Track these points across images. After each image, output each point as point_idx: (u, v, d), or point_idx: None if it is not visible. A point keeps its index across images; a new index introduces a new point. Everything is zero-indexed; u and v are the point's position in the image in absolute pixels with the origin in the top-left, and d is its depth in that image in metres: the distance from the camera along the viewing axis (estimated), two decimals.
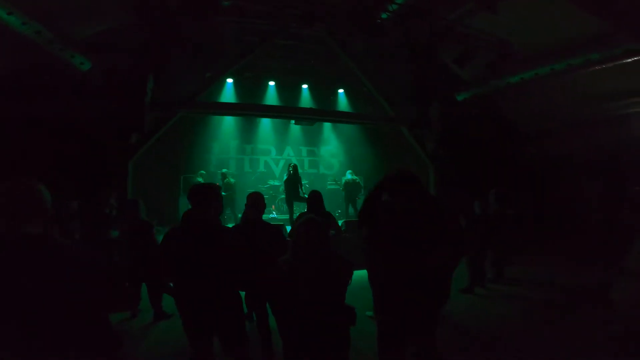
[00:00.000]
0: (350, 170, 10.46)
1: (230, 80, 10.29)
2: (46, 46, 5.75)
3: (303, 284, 1.97)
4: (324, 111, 10.43)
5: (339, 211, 10.24)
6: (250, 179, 11.02)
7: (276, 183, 10.59)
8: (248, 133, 11.45)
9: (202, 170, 9.52)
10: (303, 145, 12.17)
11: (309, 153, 12.31)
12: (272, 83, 10.90)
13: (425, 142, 9.26)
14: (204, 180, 8.81)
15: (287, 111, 9.68)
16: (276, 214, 10.01)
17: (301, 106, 10.92)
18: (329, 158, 12.51)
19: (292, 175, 7.94)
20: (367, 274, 3.61)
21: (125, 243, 4.35)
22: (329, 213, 4.42)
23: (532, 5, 6.31)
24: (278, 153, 11.89)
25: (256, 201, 3.26)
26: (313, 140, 12.26)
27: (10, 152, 6.03)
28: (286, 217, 8.66)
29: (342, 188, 10.17)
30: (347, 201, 9.96)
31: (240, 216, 3.89)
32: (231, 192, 8.66)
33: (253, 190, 3.60)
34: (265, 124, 11.62)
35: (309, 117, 9.63)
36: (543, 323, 4.17)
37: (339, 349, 2.10)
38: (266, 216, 8.58)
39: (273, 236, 3.19)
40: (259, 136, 11.65)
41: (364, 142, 12.09)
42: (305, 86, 11.30)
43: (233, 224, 4.46)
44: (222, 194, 4.15)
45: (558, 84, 7.70)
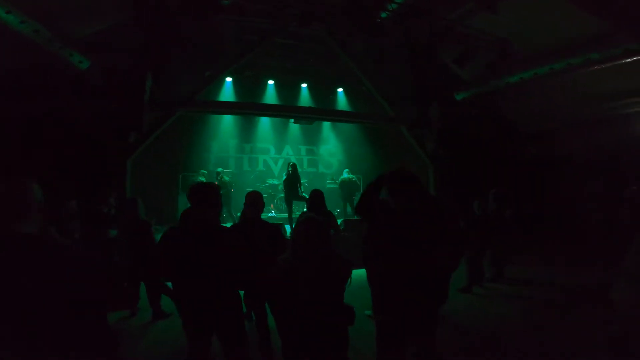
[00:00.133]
0: (347, 169, 10.48)
1: (229, 79, 10.28)
2: (45, 45, 5.74)
3: (302, 284, 1.96)
4: (323, 110, 10.43)
5: (338, 210, 10.25)
6: (249, 178, 11.01)
7: (275, 182, 10.58)
8: (247, 132, 11.44)
9: (203, 169, 9.52)
10: (302, 144, 12.17)
11: (308, 152, 12.31)
12: (272, 82, 10.90)
13: (425, 142, 9.26)
14: (206, 179, 8.83)
15: (286, 110, 9.67)
16: (275, 213, 10.01)
17: (300, 105, 10.91)
18: (328, 157, 12.51)
19: (291, 174, 7.92)
20: (366, 274, 3.61)
21: (124, 242, 4.35)
22: (330, 212, 4.42)
23: (532, 5, 6.32)
24: (277, 152, 11.88)
25: (255, 200, 3.25)
26: (312, 139, 12.25)
27: (9, 152, 6.01)
28: (285, 216, 8.65)
29: (339, 186, 10.19)
30: (344, 200, 9.99)
31: (239, 215, 3.88)
32: (226, 191, 8.67)
33: (252, 189, 3.59)
34: (264, 123, 11.62)
35: (308, 116, 9.63)
36: (543, 323, 4.17)
37: (338, 349, 2.09)
38: (265, 215, 8.59)
39: (272, 235, 3.18)
40: (258, 135, 11.64)
41: (363, 142, 12.09)
42: (304, 85, 11.30)
43: (231, 223, 4.44)
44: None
45: (558, 84, 7.70)
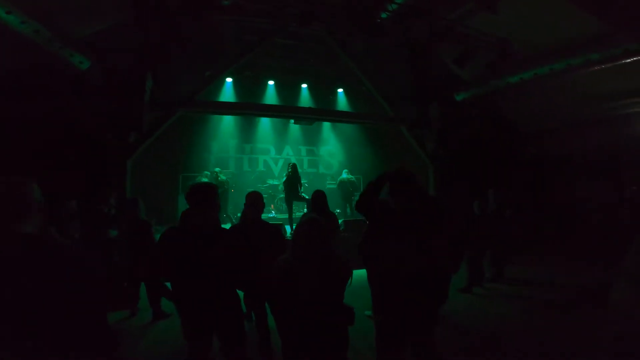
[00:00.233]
0: (346, 169, 10.50)
1: (229, 79, 10.28)
2: (45, 45, 5.73)
3: (302, 284, 1.96)
4: (324, 110, 10.42)
5: (338, 210, 10.25)
6: (249, 178, 11.01)
7: (275, 182, 10.59)
8: (247, 132, 11.44)
9: (207, 171, 9.51)
10: (302, 144, 12.16)
11: (308, 152, 12.31)
12: (272, 82, 10.89)
13: (425, 142, 9.25)
14: (209, 180, 8.84)
15: (287, 110, 9.66)
16: (275, 214, 10.01)
17: (300, 105, 10.91)
18: (328, 158, 12.50)
19: (292, 174, 7.92)
20: (367, 274, 3.61)
21: (124, 242, 4.35)
22: (332, 213, 4.42)
23: (532, 5, 6.32)
24: (277, 152, 11.88)
25: (255, 201, 3.25)
26: (312, 139, 12.25)
27: (9, 152, 6.01)
28: (285, 217, 8.65)
29: (337, 187, 10.20)
30: (343, 200, 10.01)
31: (239, 215, 3.88)
32: (223, 190, 8.68)
33: (252, 189, 3.59)
34: (264, 123, 11.62)
35: (309, 117, 9.61)
36: (543, 323, 4.17)
37: (338, 349, 2.09)
38: (265, 216, 8.58)
39: (272, 236, 3.19)
40: (258, 135, 11.64)
41: (364, 142, 12.08)
42: (304, 85, 11.29)
43: (230, 225, 4.45)
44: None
45: (558, 84, 7.70)
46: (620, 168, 7.80)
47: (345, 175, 10.23)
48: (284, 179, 8.12)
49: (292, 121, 10.49)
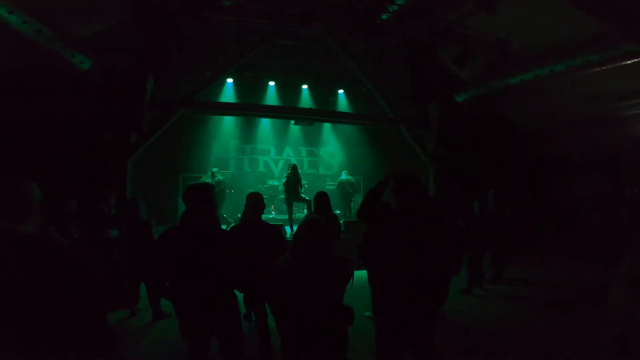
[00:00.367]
0: (345, 170, 10.52)
1: (230, 80, 10.28)
2: (46, 45, 5.74)
3: (303, 284, 1.96)
4: (324, 111, 10.41)
5: (338, 211, 10.26)
6: (249, 179, 11.01)
7: (275, 183, 10.59)
8: (248, 133, 11.43)
9: (209, 171, 9.51)
10: (302, 145, 12.16)
11: (309, 153, 12.30)
12: (272, 83, 10.89)
13: (424, 142, 9.25)
14: (206, 180, 8.86)
15: (287, 111, 9.66)
16: (275, 214, 10.01)
17: (301, 106, 10.91)
18: (329, 158, 12.50)
19: (292, 175, 7.93)
20: (367, 274, 3.62)
21: (124, 243, 4.35)
22: (335, 215, 4.43)
23: (532, 5, 6.32)
24: (277, 153, 11.87)
25: (256, 201, 3.26)
26: (313, 140, 12.24)
27: (9, 151, 6.02)
28: (285, 218, 8.65)
29: (336, 188, 10.22)
30: (343, 201, 10.03)
31: (239, 216, 3.89)
32: (219, 190, 8.69)
33: (252, 190, 3.59)
34: (264, 124, 11.61)
35: (309, 118, 9.62)
36: (543, 323, 4.17)
37: (338, 349, 2.09)
38: (265, 216, 8.58)
39: (272, 236, 3.19)
40: (259, 136, 11.63)
41: (364, 143, 12.08)
42: (305, 86, 11.30)
43: (224, 225, 4.45)
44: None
45: (557, 85, 7.70)
46: (620, 168, 7.79)
47: (344, 176, 10.26)
48: (284, 180, 8.12)
49: (293, 122, 10.50)
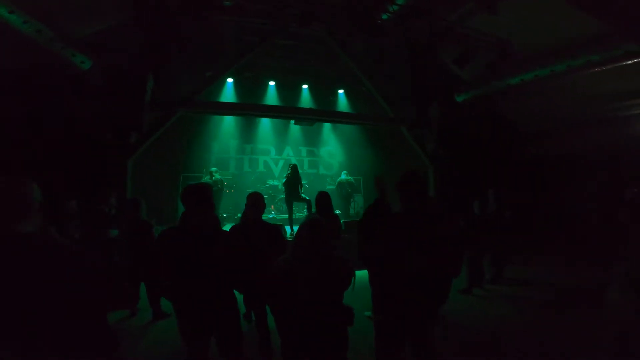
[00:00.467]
0: (345, 171, 10.53)
1: (230, 80, 10.29)
2: (47, 45, 5.74)
3: (302, 284, 1.96)
4: (324, 111, 10.42)
5: (338, 211, 10.27)
6: (249, 179, 11.01)
7: (275, 183, 10.60)
8: (248, 133, 11.44)
9: (203, 169, 9.53)
10: (303, 145, 12.16)
11: (309, 153, 12.30)
12: (272, 83, 10.90)
13: (425, 142, 9.26)
14: (204, 179, 8.88)
15: (287, 111, 9.67)
16: (275, 214, 10.01)
17: (301, 106, 10.91)
18: (329, 158, 12.50)
19: (292, 175, 7.93)
20: (368, 275, 3.61)
21: (125, 243, 4.35)
22: (336, 215, 4.43)
23: (532, 5, 6.31)
24: (277, 153, 11.88)
25: (256, 201, 3.26)
26: (313, 140, 12.25)
27: (9, 151, 6.02)
28: (285, 217, 8.65)
29: (336, 188, 10.24)
30: (342, 201, 10.05)
31: (239, 216, 3.89)
32: (217, 189, 8.71)
33: (252, 190, 3.60)
34: (265, 124, 11.62)
35: (309, 118, 9.62)
36: (543, 323, 4.17)
37: (338, 349, 2.09)
38: (265, 216, 8.58)
39: (273, 236, 3.20)
40: (259, 136, 11.64)
41: (364, 143, 12.08)
42: (305, 86, 11.30)
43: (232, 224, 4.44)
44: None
45: (558, 85, 7.70)
46: (620, 168, 7.79)
47: (344, 176, 10.28)
48: (285, 180, 8.13)
49: (293, 122, 10.50)
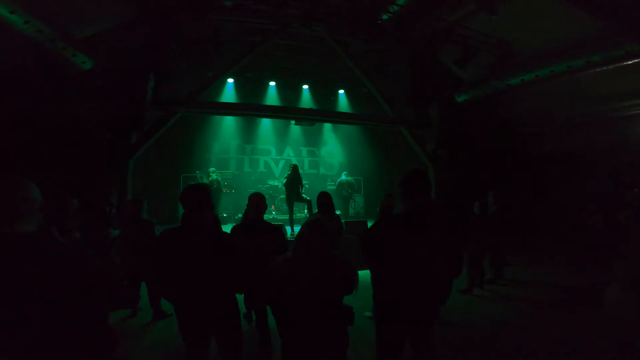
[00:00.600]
0: (345, 172, 10.54)
1: (231, 80, 10.30)
2: (48, 45, 5.75)
3: (304, 284, 1.96)
4: (324, 112, 10.44)
5: (338, 212, 10.28)
6: (250, 179, 11.03)
7: (276, 183, 10.61)
8: (248, 133, 11.46)
9: (210, 168, 9.55)
10: (303, 145, 12.18)
11: (309, 153, 12.32)
12: (273, 83, 10.91)
13: (425, 143, 9.26)
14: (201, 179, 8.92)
15: (288, 111, 9.68)
16: (276, 214, 10.02)
17: (301, 106, 10.92)
18: (329, 159, 12.51)
19: (293, 175, 7.93)
20: (370, 275, 3.61)
21: (125, 242, 4.36)
22: (337, 215, 4.43)
23: (532, 6, 6.31)
24: (278, 153, 11.89)
25: (258, 202, 3.27)
26: (313, 140, 12.27)
27: (10, 151, 6.03)
28: (286, 217, 8.66)
29: (336, 188, 10.25)
30: (342, 202, 10.07)
31: (239, 216, 3.90)
32: (213, 189, 8.72)
33: (253, 190, 3.60)
34: (265, 124, 11.64)
35: (309, 118, 9.63)
36: (542, 323, 4.17)
37: (338, 349, 2.09)
38: (266, 216, 8.59)
39: (273, 236, 3.20)
40: (259, 136, 11.66)
41: (364, 143, 12.09)
42: (305, 87, 11.31)
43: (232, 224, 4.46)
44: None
45: (558, 85, 7.69)
46: (620, 169, 7.78)
47: (344, 177, 10.30)
48: (285, 180, 8.13)
49: (293, 122, 10.52)
